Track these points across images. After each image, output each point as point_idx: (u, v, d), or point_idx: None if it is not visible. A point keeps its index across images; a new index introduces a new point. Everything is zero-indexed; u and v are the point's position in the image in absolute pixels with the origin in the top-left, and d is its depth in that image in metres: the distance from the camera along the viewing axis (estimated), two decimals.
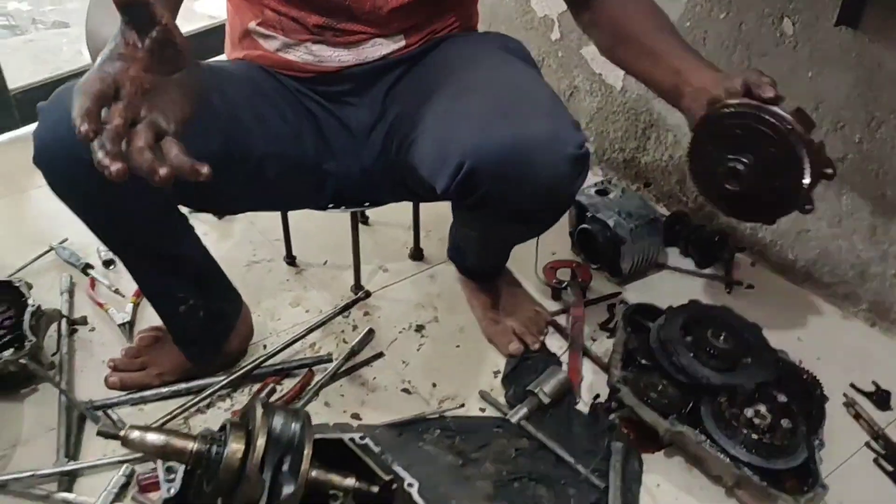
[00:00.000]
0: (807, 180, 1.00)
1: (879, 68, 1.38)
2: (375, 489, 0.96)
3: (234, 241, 1.78)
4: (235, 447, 0.87)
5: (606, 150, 1.99)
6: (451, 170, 1.04)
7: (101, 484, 1.20)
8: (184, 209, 1.25)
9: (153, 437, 0.86)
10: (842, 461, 1.28)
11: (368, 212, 1.83)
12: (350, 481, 0.95)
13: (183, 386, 1.37)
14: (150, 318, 1.47)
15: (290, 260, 1.71)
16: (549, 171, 1.03)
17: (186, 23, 1.84)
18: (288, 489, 0.87)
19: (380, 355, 1.48)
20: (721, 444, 1.19)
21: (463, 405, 1.37)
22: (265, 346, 1.49)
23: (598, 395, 1.36)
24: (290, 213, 1.68)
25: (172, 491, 0.93)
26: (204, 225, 1.81)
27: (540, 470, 1.25)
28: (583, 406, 1.36)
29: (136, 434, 0.86)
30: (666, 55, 1.12)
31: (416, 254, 1.73)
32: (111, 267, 1.67)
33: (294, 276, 1.68)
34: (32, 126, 1.04)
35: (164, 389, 1.37)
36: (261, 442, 0.87)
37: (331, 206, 1.42)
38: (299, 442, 0.90)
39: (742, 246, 1.72)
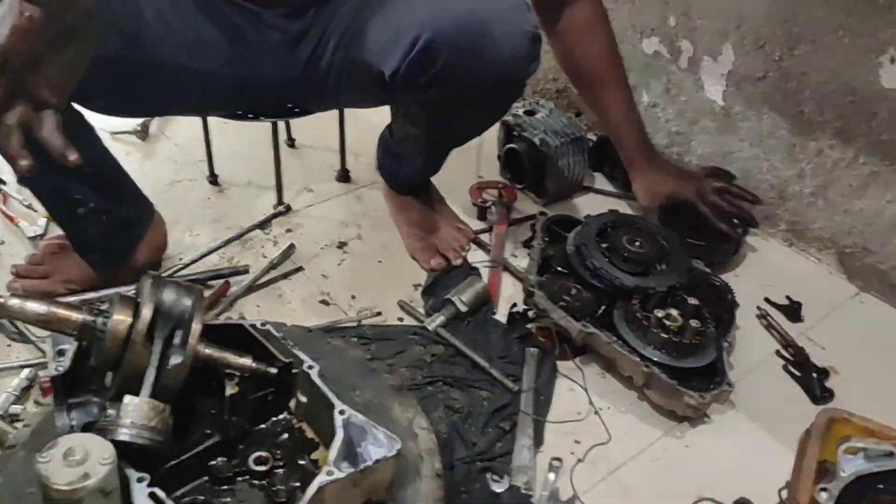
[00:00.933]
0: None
1: None
2: (274, 371, 0.95)
3: (156, 160, 1.74)
4: (121, 317, 0.84)
5: (540, 80, 1.98)
6: (405, 46, 1.04)
7: (1, 388, 1.17)
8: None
9: (34, 306, 0.83)
10: (751, 368, 1.30)
11: (295, 134, 1.79)
12: (246, 361, 0.93)
13: (90, 295, 1.33)
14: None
15: (213, 179, 1.67)
16: (508, 45, 1.04)
17: None
18: (176, 360, 0.85)
19: (299, 269, 1.45)
20: (632, 344, 1.20)
21: (380, 314, 1.36)
22: (181, 259, 1.46)
23: (514, 304, 1.35)
24: (215, 134, 1.65)
25: (61, 369, 0.90)
26: (127, 145, 1.77)
27: (454, 374, 1.25)
28: (501, 317, 1.36)
29: (14, 301, 0.83)
30: (616, 128, 1.46)
31: (343, 175, 1.70)
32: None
33: (216, 195, 1.65)
34: None
35: (71, 298, 1.32)
36: (147, 312, 0.84)
37: (250, 116, 1.39)
38: (190, 316, 0.88)
39: None
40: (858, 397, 1.24)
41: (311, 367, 0.95)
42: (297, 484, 0.91)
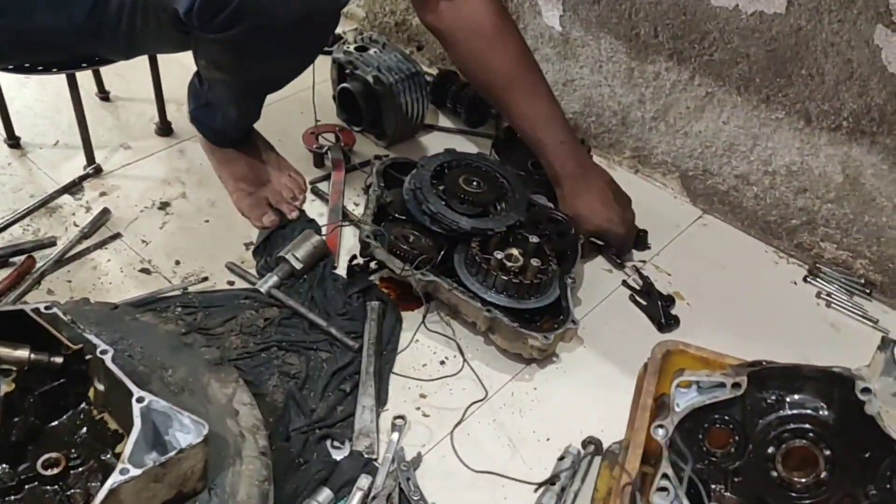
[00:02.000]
0: None
1: None
2: (59, 360, 0.83)
3: None
4: None
5: (378, 13, 1.87)
6: None
7: None
8: None
9: None
10: (598, 301, 1.27)
11: (109, 86, 1.62)
12: (23, 353, 0.81)
13: None
14: None
15: (13, 142, 1.48)
16: None
17: None
18: None
19: (116, 236, 1.32)
20: (473, 289, 1.14)
21: (207, 279, 1.25)
22: None
23: (354, 257, 1.27)
24: (13, 90, 1.46)
25: None
26: None
27: (290, 337, 1.16)
28: (342, 272, 1.28)
29: None
30: (536, 139, 1.31)
31: (164, 129, 1.55)
32: None
33: (18, 160, 1.47)
34: None
35: None
36: None
37: (39, 68, 1.24)
38: None
39: None
40: (702, 322, 1.24)
41: (104, 353, 0.84)
42: (97, 484, 0.81)
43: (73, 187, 1.37)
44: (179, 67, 1.49)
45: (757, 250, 1.41)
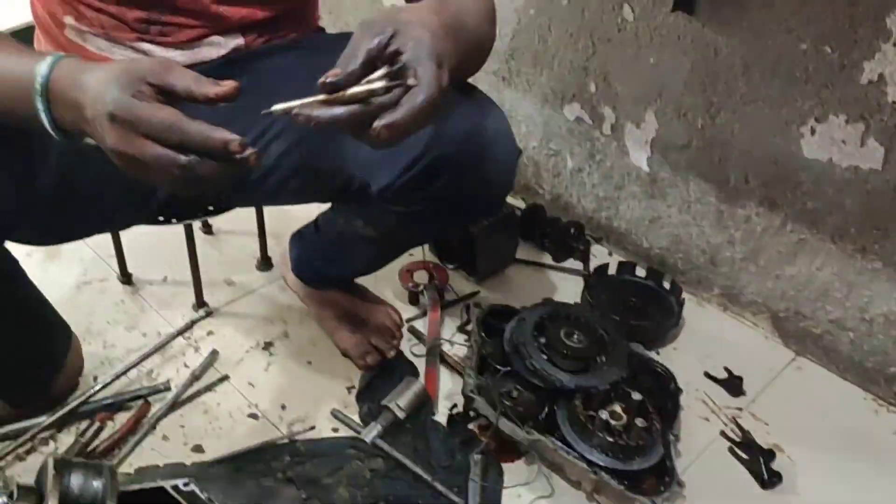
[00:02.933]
0: None
1: (715, 54, 1.38)
2: None
3: (61, 260, 1.62)
4: None
5: None
6: (404, 163, 0.98)
7: None
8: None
9: None
10: (698, 454, 1.27)
11: (211, 220, 1.70)
12: None
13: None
14: None
15: (126, 278, 1.56)
16: (507, 159, 1.03)
17: None
18: None
19: (224, 378, 1.37)
20: (578, 449, 1.16)
21: (314, 427, 1.28)
22: (95, 378, 1.35)
23: (454, 406, 1.30)
24: None
25: None
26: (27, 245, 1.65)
27: (397, 491, 1.19)
28: (442, 417, 1.31)
29: None
30: None
31: (264, 263, 1.62)
32: None
33: (130, 297, 1.55)
34: None
35: None
36: None
37: (160, 218, 1.31)
38: (101, 502, 0.80)
39: (598, 236, 1.71)
40: (805, 477, 1.24)
41: None
42: None
43: (187, 331, 1.44)
44: None
45: (855, 397, 1.40)
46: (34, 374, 1.24)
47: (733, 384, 1.38)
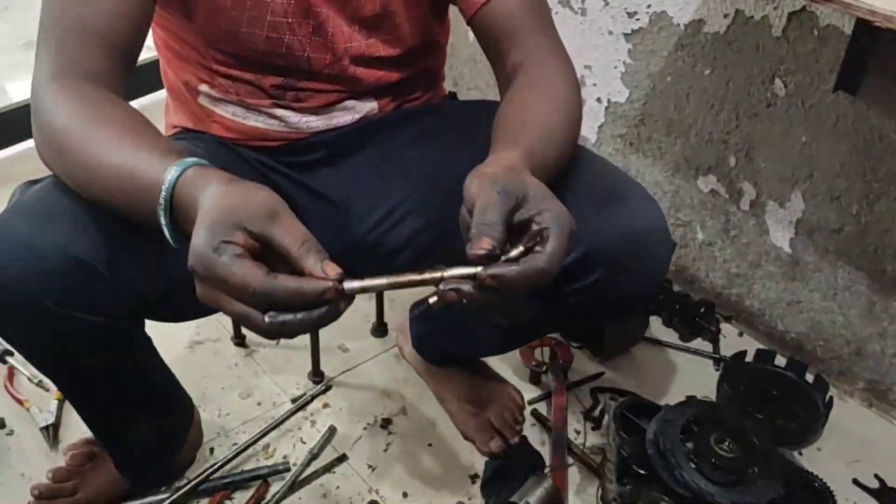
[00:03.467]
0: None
1: (879, 139, 1.28)
2: None
3: None
4: None
5: None
6: None
7: None
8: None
9: None
10: None
11: None
12: None
13: None
14: (77, 420, 1.27)
15: (239, 340, 1.53)
16: (660, 259, 0.98)
17: None
18: None
19: (343, 458, 1.32)
20: None
21: None
22: (212, 451, 1.32)
23: None
24: None
25: None
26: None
27: None
28: None
29: None
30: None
31: (380, 329, 1.57)
32: None
33: (243, 360, 1.51)
34: None
35: None
36: None
37: None
38: None
39: (729, 315, 1.61)
40: None
41: None
42: None
43: (306, 406, 1.39)
44: None
45: None
46: (161, 450, 1.21)
47: (888, 496, 1.27)
